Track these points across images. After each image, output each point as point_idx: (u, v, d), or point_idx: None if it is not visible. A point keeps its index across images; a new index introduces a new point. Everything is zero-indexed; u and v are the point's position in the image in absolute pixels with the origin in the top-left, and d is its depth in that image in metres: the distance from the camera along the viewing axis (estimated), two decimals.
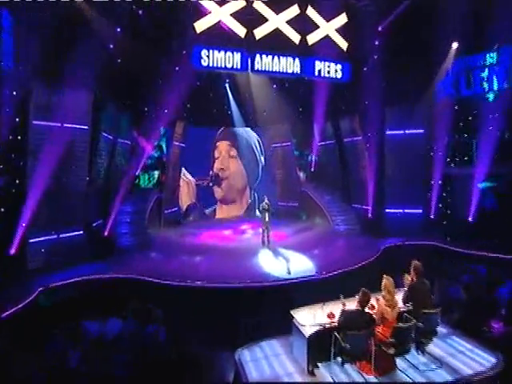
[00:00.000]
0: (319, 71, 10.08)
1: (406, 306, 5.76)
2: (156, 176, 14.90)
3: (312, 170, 16.17)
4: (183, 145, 15.54)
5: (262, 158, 17.80)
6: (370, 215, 13.30)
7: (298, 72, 9.97)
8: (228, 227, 14.56)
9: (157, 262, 10.55)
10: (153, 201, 13.99)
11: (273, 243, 11.79)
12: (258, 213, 11.85)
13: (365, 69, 11.71)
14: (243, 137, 17.36)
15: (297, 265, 9.84)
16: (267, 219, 11.51)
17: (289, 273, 9.15)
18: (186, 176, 16.31)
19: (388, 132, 12.73)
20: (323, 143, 15.63)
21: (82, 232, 10.29)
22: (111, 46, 10.23)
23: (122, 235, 11.81)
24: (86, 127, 9.98)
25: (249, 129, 17.34)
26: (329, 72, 10.19)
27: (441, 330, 6.02)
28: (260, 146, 17.71)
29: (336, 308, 5.91)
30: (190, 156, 15.85)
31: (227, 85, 15.40)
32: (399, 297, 5.81)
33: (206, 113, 15.54)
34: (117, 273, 9.17)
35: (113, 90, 11.36)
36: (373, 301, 5.45)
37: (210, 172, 16.94)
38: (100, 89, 10.81)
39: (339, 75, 10.30)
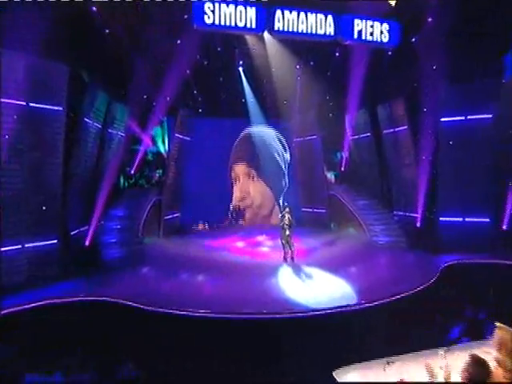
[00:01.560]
0: (359, 33, 8.07)
1: None
2: (155, 175, 13.23)
3: (342, 169, 14.18)
4: (188, 138, 13.82)
5: (288, 156, 15.81)
6: (418, 224, 11.17)
7: (332, 33, 7.98)
8: (241, 238, 12.66)
9: (150, 280, 8.88)
10: (150, 204, 12.33)
11: (297, 259, 9.79)
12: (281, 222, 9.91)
13: (417, 35, 9.67)
14: (262, 145, 15.39)
15: (329, 289, 7.84)
16: (288, 233, 9.61)
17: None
18: None
19: (444, 119, 10.58)
20: (356, 136, 13.64)
21: (55, 241, 8.61)
22: (94, 9, 8.58)
23: (108, 245, 10.18)
24: (59, 108, 8.32)
25: (266, 129, 15.47)
26: (372, 34, 8.15)
27: None
28: (283, 145, 15.79)
29: (412, 369, 3.86)
30: (198, 152, 14.09)
31: (241, 68, 13.65)
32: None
33: (215, 101, 13.91)
34: (91, 295, 7.46)
35: (100, 69, 9.77)
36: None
37: (230, 207, 15.12)
38: (83, 64, 9.24)
39: (385, 38, 8.25)
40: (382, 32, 8.24)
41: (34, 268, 8.05)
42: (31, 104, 7.73)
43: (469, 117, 10.27)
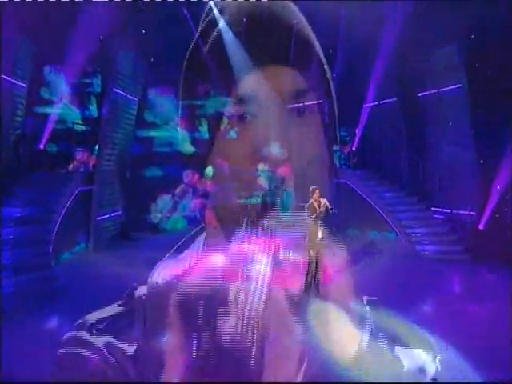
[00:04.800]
0: None
1: None
2: (80, 152, 9.17)
3: (353, 148, 10.95)
4: (135, 98, 9.81)
5: None
6: (480, 226, 8.23)
7: None
8: (219, 248, 8.86)
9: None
10: (72, 198, 8.66)
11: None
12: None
13: None
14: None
15: (416, 357, 4.37)
16: (320, 234, 5.95)
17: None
18: None
19: None
20: (376, 103, 10.46)
21: None
22: None
23: None
24: None
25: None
26: None
27: None
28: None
29: None
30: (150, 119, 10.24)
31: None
32: None
33: (174, 43, 9.98)
34: None
35: None
36: None
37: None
38: None
39: None
40: None
41: None
42: None
43: None
